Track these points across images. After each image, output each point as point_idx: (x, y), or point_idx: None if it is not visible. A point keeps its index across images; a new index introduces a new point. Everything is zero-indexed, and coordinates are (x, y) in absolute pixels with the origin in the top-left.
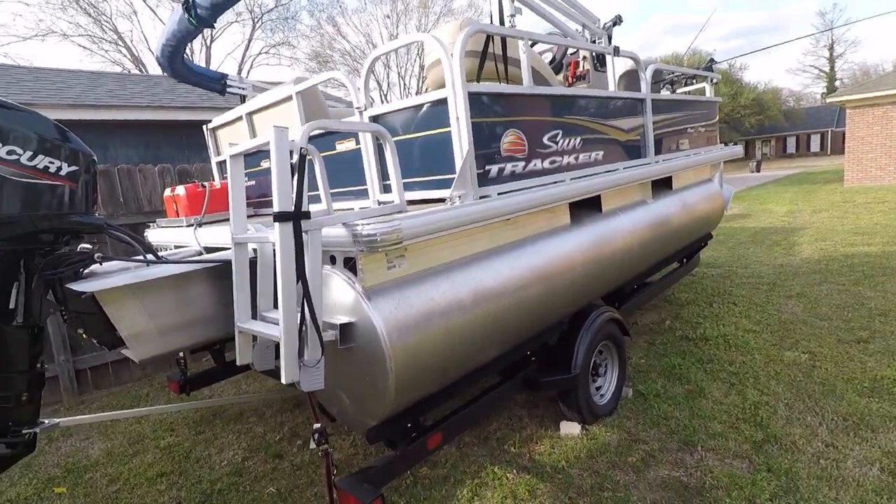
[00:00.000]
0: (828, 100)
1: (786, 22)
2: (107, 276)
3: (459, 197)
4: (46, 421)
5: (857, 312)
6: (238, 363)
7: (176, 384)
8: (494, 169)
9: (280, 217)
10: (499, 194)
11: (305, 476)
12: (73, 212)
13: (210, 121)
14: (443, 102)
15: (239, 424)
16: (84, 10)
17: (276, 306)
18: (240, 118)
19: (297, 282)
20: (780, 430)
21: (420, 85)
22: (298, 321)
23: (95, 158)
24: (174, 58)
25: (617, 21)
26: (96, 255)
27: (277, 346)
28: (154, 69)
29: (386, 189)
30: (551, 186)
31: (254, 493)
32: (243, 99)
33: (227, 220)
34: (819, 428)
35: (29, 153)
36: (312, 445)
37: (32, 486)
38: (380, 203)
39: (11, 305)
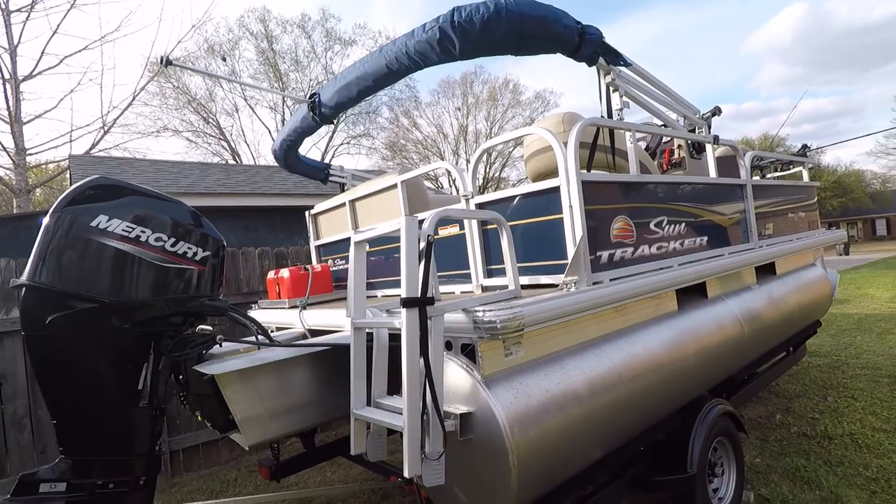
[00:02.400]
0: None
1: (859, 105)
2: (227, 360)
3: (575, 283)
4: None
5: None
6: (352, 452)
7: (267, 470)
8: (605, 255)
9: (408, 303)
10: (610, 280)
11: None
12: (203, 294)
13: (310, 207)
14: (554, 191)
15: None
16: (195, 109)
17: (390, 393)
18: (342, 205)
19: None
20: None
21: (487, 172)
22: (420, 410)
23: (225, 244)
24: (290, 151)
25: (716, 112)
26: (218, 337)
27: (392, 434)
28: (248, 159)
29: (489, 274)
30: (660, 272)
31: None
32: (342, 187)
33: (328, 301)
34: None
35: (172, 239)
36: None
37: None
38: (483, 288)
39: (140, 387)
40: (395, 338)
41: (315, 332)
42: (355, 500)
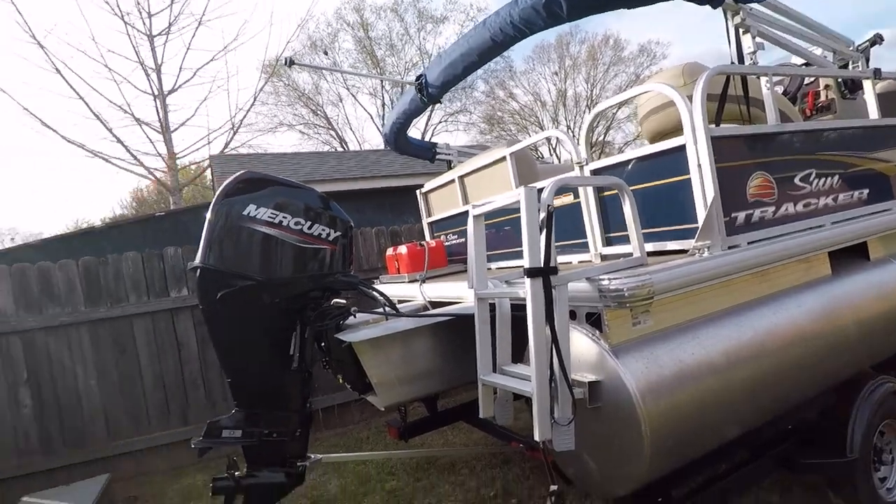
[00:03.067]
0: None
1: None
2: (360, 329)
3: (708, 248)
4: (313, 456)
5: None
6: (481, 416)
7: (396, 431)
8: (742, 216)
9: (531, 273)
10: (749, 244)
11: None
12: (336, 271)
13: (418, 186)
14: (679, 150)
15: (452, 475)
16: (304, 103)
17: (514, 361)
18: (451, 182)
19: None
20: None
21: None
22: (548, 377)
23: (352, 224)
24: (400, 133)
25: (876, 40)
26: (352, 309)
27: (517, 399)
28: (354, 146)
29: (608, 242)
30: (808, 233)
31: None
32: (449, 164)
33: (444, 275)
34: None
35: (308, 223)
36: None
37: None
38: (602, 257)
39: (291, 352)
40: (516, 307)
41: (435, 304)
42: (477, 463)
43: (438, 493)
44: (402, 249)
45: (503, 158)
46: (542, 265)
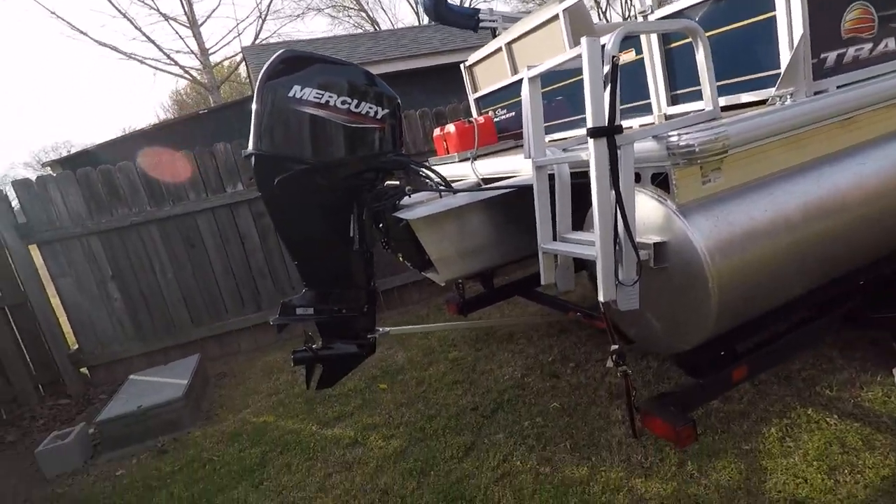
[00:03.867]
0: None
1: None
2: (416, 207)
3: (791, 95)
4: (381, 329)
5: None
6: (542, 283)
7: (455, 306)
8: (832, 56)
9: (595, 133)
10: (838, 87)
11: (585, 396)
12: (387, 151)
13: (462, 62)
14: None
15: (511, 345)
16: None
17: (574, 229)
18: (498, 51)
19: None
20: None
21: None
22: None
23: (399, 100)
24: (440, 1)
25: None
26: (407, 189)
27: (577, 265)
28: (386, 25)
29: (674, 101)
30: None
31: (539, 406)
32: (494, 33)
33: (495, 152)
34: None
35: (355, 101)
36: (609, 364)
37: (363, 382)
38: (667, 117)
39: (351, 234)
40: (576, 175)
41: (488, 181)
42: (534, 334)
43: (499, 359)
44: (450, 128)
45: (555, 17)
46: (607, 124)
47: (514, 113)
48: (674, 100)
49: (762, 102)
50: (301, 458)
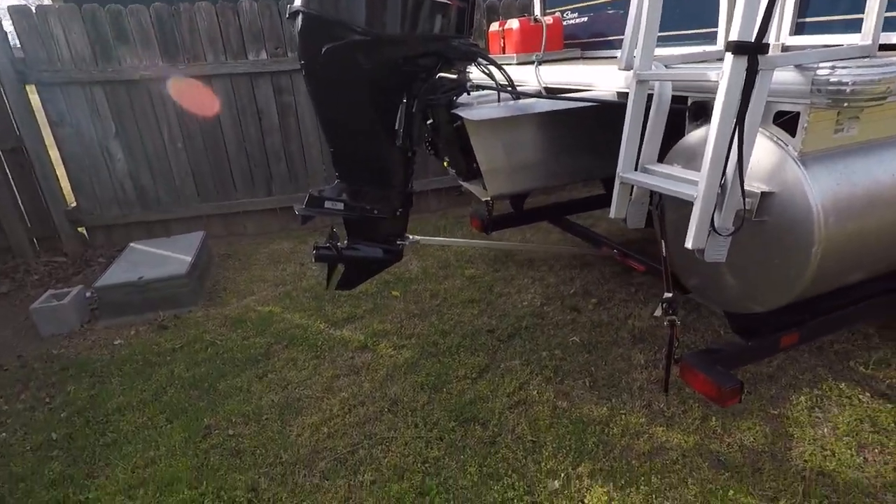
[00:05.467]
0: None
1: None
2: (477, 107)
3: None
4: (411, 237)
5: None
6: (612, 215)
7: (480, 222)
8: None
9: (738, 49)
10: None
11: (607, 335)
12: (456, 36)
13: None
14: None
15: (532, 271)
16: None
17: (663, 162)
18: None
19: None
20: None
21: None
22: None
23: None
24: None
25: None
26: (469, 84)
27: (653, 202)
28: None
29: (798, 30)
30: None
31: (558, 339)
32: None
33: (560, 60)
34: None
35: None
36: (658, 313)
37: (375, 286)
38: (785, 48)
39: (396, 127)
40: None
41: (551, 91)
42: (556, 262)
43: (518, 284)
44: (514, 24)
45: None
46: (754, 40)
47: (585, 18)
48: (799, 28)
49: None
50: (307, 354)
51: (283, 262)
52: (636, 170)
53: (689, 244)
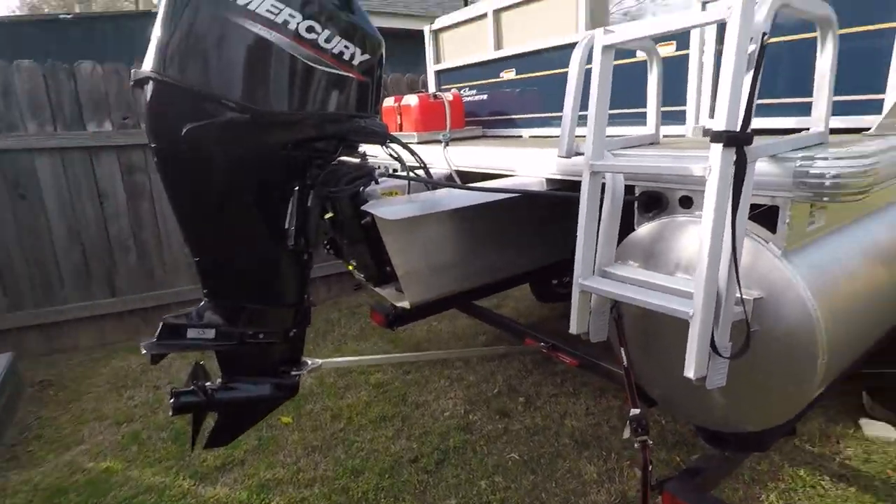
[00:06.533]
0: None
1: None
2: (390, 202)
3: None
4: (310, 361)
5: None
6: (572, 331)
7: (383, 317)
8: None
9: (728, 140)
10: None
11: (547, 444)
12: (361, 114)
13: (432, 23)
14: None
15: (447, 369)
16: None
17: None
18: (479, 18)
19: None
20: None
21: None
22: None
23: (384, 50)
24: None
25: None
26: (377, 172)
27: (613, 312)
28: None
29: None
30: None
31: (494, 457)
32: (466, 1)
33: (467, 138)
34: None
35: (327, 32)
36: (626, 434)
37: None
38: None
39: (286, 225)
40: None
41: (463, 175)
42: (471, 357)
43: (433, 388)
44: (412, 100)
45: None
46: (739, 129)
47: (484, 95)
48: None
49: (860, 130)
50: None
51: (129, 387)
52: (594, 274)
53: (689, 373)
